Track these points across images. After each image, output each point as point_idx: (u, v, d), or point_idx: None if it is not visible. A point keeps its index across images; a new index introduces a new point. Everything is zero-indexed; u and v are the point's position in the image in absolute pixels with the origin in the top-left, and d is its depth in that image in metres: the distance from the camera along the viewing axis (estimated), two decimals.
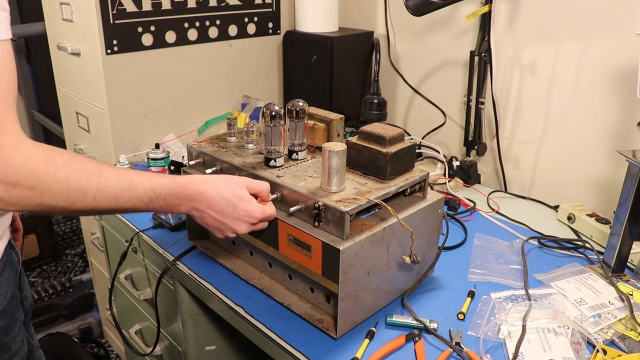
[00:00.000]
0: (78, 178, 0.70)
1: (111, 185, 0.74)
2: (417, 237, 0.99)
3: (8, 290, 0.85)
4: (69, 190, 0.69)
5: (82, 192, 0.71)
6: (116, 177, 0.76)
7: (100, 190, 0.73)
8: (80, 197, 0.71)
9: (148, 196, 0.80)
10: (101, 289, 2.09)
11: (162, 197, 0.82)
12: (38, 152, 0.67)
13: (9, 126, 0.65)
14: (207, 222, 0.88)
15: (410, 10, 1.40)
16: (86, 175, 0.71)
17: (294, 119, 1.01)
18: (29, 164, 0.65)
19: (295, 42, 1.81)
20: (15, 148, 0.65)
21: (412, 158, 1.00)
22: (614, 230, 1.11)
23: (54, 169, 0.68)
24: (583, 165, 1.44)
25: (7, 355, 0.86)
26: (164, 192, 0.82)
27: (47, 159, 0.67)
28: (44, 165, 0.67)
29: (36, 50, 3.13)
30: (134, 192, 0.78)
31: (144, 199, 0.79)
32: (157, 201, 0.81)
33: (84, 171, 0.71)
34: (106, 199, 0.74)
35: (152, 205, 0.81)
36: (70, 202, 0.70)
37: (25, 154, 0.65)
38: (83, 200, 0.72)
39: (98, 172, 0.73)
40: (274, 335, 0.94)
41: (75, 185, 0.70)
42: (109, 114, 1.56)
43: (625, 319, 0.98)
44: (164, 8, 1.57)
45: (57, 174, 0.68)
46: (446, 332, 0.95)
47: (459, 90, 1.68)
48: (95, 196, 0.73)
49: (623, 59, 1.29)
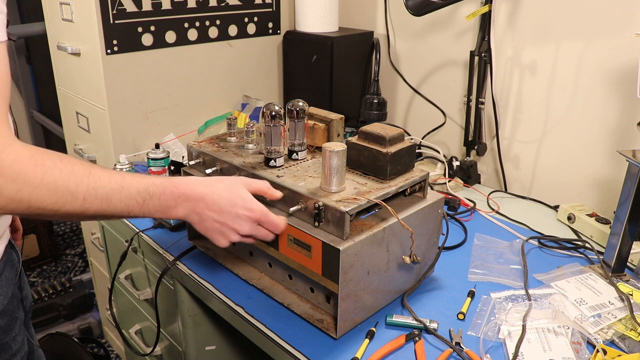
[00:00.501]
0: (67, 179, 0.69)
1: (102, 186, 0.73)
2: (417, 237, 0.99)
3: (8, 289, 0.85)
4: (57, 192, 0.69)
5: (71, 193, 0.70)
6: (107, 178, 0.75)
7: (90, 191, 0.72)
8: (70, 198, 0.70)
9: (141, 196, 0.78)
10: (101, 289, 2.09)
11: (156, 197, 0.80)
12: (26, 154, 0.66)
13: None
14: (207, 225, 0.87)
15: (410, 10, 1.40)
16: (75, 177, 0.70)
17: (294, 119, 1.01)
18: (16, 166, 0.65)
19: (295, 42, 1.81)
20: (4, 150, 0.64)
21: (412, 158, 1.00)
22: (614, 230, 1.11)
23: (42, 170, 0.67)
24: (583, 165, 1.44)
25: (8, 355, 0.86)
26: (157, 191, 0.80)
27: (35, 161, 0.67)
28: (32, 167, 0.66)
29: (36, 50, 3.13)
30: (126, 192, 0.76)
31: (137, 200, 0.78)
32: (152, 201, 0.80)
33: (72, 172, 0.70)
34: (97, 200, 0.73)
35: (146, 207, 0.80)
36: (60, 204, 0.69)
37: (14, 156, 0.65)
38: (72, 202, 0.70)
39: (88, 172, 0.72)
40: (274, 335, 0.94)
41: (64, 186, 0.69)
42: (109, 114, 1.56)
43: (625, 319, 0.98)
44: (164, 8, 1.57)
45: (44, 176, 0.67)
46: (446, 332, 0.95)
47: (459, 90, 1.68)
48: (85, 197, 0.72)
49: (623, 59, 1.29)
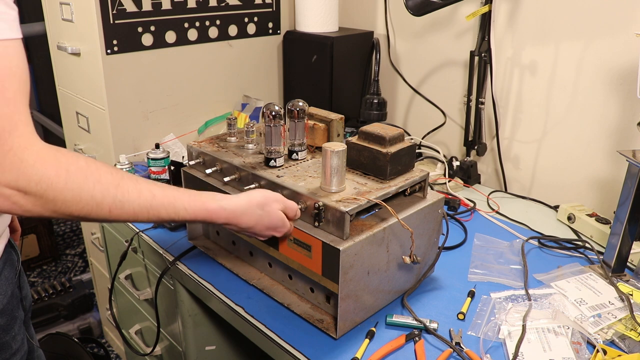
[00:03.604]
0: (92, 188, 0.67)
1: (129, 201, 0.71)
2: (417, 237, 0.99)
3: (8, 289, 0.85)
4: (82, 200, 0.66)
5: (96, 203, 0.68)
6: (136, 193, 0.72)
7: (116, 204, 0.70)
8: (95, 208, 0.68)
9: (170, 217, 0.77)
10: (101, 289, 2.09)
11: (185, 220, 0.79)
12: (50, 155, 0.64)
13: (20, 127, 0.62)
14: (251, 232, 0.89)
15: (410, 10, 1.40)
16: (101, 186, 0.68)
17: (294, 119, 1.01)
18: (38, 166, 0.62)
19: (295, 42, 1.81)
20: (26, 150, 0.62)
21: (412, 158, 1.00)
22: (614, 230, 1.11)
23: (66, 175, 0.65)
24: (583, 165, 1.44)
25: (7, 354, 0.86)
26: (188, 216, 0.78)
27: (59, 164, 0.64)
28: (55, 169, 0.64)
29: (36, 50, 3.13)
30: (154, 212, 0.74)
31: (165, 219, 0.76)
32: (180, 221, 0.79)
33: (99, 181, 0.68)
34: (124, 213, 0.71)
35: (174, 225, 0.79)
36: (86, 212, 0.67)
37: (36, 156, 0.63)
38: (98, 212, 0.68)
39: (116, 184, 0.70)
40: (274, 335, 0.94)
41: (89, 195, 0.67)
42: (109, 114, 1.56)
43: (625, 319, 0.98)
44: (164, 8, 1.57)
45: (68, 181, 0.65)
46: (446, 332, 0.95)
47: (459, 90, 1.68)
48: (111, 210, 0.70)
49: (623, 59, 1.29)
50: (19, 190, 0.62)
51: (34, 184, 0.63)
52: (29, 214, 0.65)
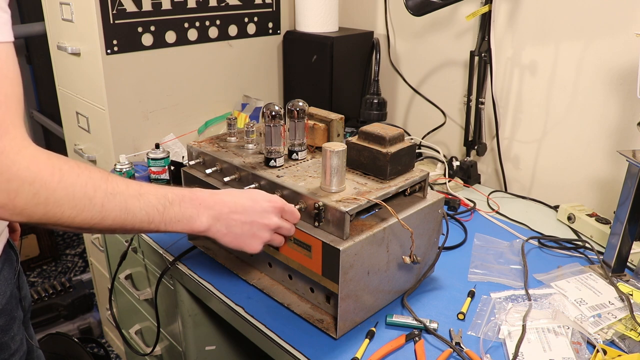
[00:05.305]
0: (84, 184, 0.67)
1: (120, 192, 0.72)
2: (417, 237, 0.99)
3: (7, 289, 0.85)
4: (75, 197, 0.66)
5: (89, 199, 0.68)
6: (124, 185, 0.73)
7: (108, 197, 0.70)
8: (88, 204, 0.68)
9: (161, 203, 0.77)
10: (101, 289, 2.09)
11: (176, 204, 0.79)
12: (43, 157, 0.64)
13: (12, 130, 0.62)
14: (237, 231, 0.84)
15: (410, 10, 1.40)
16: (93, 182, 0.69)
17: (294, 119, 1.01)
18: (33, 169, 0.63)
19: (295, 42, 1.81)
20: (19, 152, 0.62)
21: (412, 158, 1.00)
22: (614, 230, 1.11)
23: (60, 174, 0.65)
24: (583, 165, 1.44)
25: (6, 354, 0.86)
26: (176, 198, 0.79)
27: (53, 164, 0.65)
28: (49, 170, 0.64)
29: (36, 50, 3.13)
30: (145, 200, 0.75)
31: (158, 207, 0.76)
32: (172, 209, 0.78)
33: (90, 177, 0.69)
34: (115, 206, 0.71)
35: (167, 215, 0.78)
36: (77, 210, 0.67)
37: (30, 158, 0.63)
38: (91, 208, 0.68)
39: (105, 178, 0.71)
40: (274, 335, 0.94)
41: (82, 191, 0.67)
42: (109, 114, 1.56)
43: (625, 319, 0.98)
44: (164, 8, 1.57)
45: (62, 179, 0.65)
46: (446, 332, 0.95)
47: (459, 90, 1.68)
48: (104, 203, 0.70)
49: (623, 59, 1.29)
50: (9, 192, 0.62)
51: (27, 185, 0.62)
52: (17, 218, 0.64)
